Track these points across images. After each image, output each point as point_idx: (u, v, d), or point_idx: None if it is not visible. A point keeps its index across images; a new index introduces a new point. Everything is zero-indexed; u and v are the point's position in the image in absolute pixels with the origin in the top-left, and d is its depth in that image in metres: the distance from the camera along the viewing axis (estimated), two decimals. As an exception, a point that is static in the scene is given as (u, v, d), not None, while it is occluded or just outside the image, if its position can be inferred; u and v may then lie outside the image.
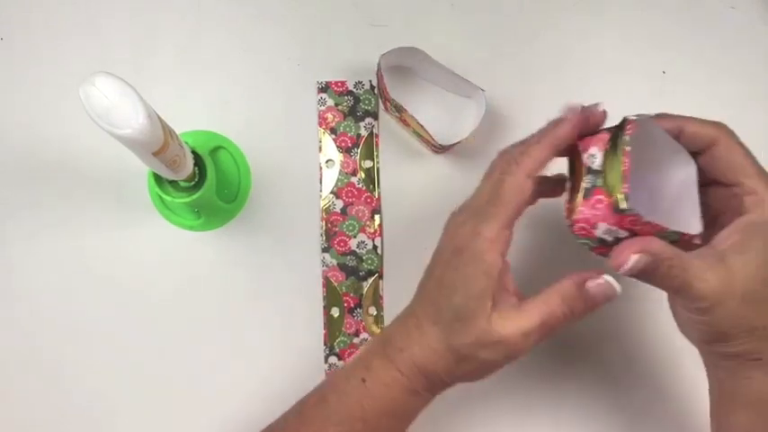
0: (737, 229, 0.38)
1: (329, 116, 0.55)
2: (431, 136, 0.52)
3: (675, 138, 0.40)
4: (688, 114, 0.55)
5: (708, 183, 0.40)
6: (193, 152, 0.46)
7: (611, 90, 0.55)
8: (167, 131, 0.40)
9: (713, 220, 0.40)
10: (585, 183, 0.38)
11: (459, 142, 0.52)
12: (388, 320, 0.53)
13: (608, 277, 0.38)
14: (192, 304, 0.53)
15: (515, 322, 0.38)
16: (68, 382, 0.52)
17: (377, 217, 0.54)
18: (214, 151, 0.53)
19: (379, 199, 0.54)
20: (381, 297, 0.53)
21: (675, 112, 0.41)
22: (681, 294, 0.37)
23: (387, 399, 0.41)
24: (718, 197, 0.40)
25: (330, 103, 0.55)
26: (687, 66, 0.56)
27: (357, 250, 0.53)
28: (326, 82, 0.55)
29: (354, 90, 0.55)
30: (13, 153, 0.54)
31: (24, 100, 0.55)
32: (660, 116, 0.41)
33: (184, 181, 0.46)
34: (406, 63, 0.55)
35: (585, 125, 0.39)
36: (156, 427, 0.51)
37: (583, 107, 0.39)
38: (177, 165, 0.43)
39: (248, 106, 0.55)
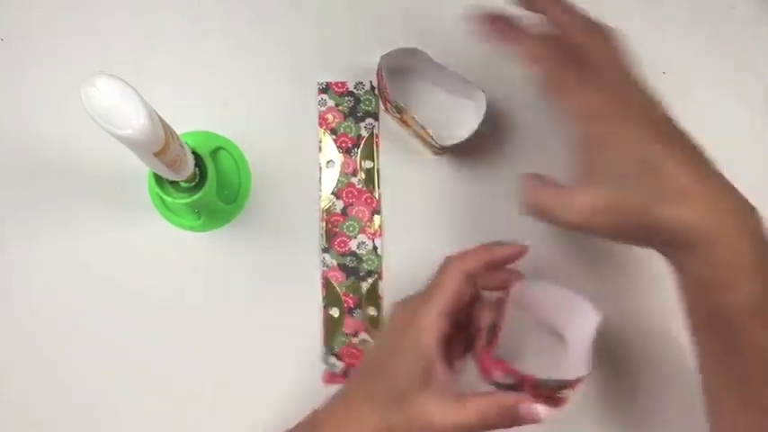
0: (577, 151, 0.43)
1: (329, 117, 0.55)
2: (431, 137, 0.52)
3: None
4: (687, 113, 0.55)
5: None
6: (194, 153, 0.46)
7: (611, 90, 0.55)
8: (168, 132, 0.40)
9: None
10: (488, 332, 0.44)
11: (459, 143, 0.52)
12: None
13: (540, 407, 0.41)
14: (192, 304, 0.53)
15: (451, 414, 0.40)
16: (68, 382, 0.52)
17: (377, 218, 0.54)
18: (214, 152, 0.53)
19: (379, 200, 0.54)
20: (381, 297, 0.53)
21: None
22: (562, 226, 0.43)
23: None
24: None
25: (330, 103, 0.55)
26: (687, 66, 0.56)
27: (357, 251, 0.53)
28: (327, 82, 0.55)
29: (355, 91, 0.55)
30: (12, 153, 0.54)
31: (24, 100, 0.55)
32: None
33: (185, 181, 0.46)
34: (406, 64, 0.55)
35: (519, 258, 0.45)
36: (156, 426, 0.51)
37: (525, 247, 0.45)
38: (178, 165, 0.43)
39: (248, 107, 0.55)
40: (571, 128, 0.43)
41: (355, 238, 0.54)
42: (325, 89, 0.55)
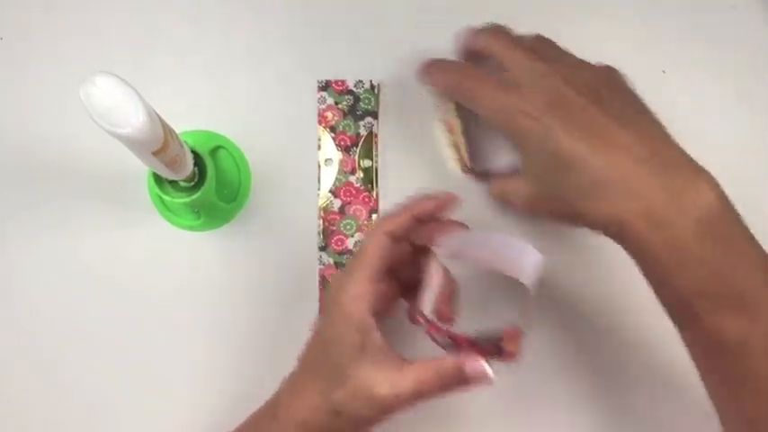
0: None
1: (329, 114, 0.55)
2: (465, 154, 0.52)
3: None
4: (687, 113, 0.56)
5: None
6: (193, 152, 0.46)
7: (610, 90, 0.55)
8: (167, 131, 0.40)
9: None
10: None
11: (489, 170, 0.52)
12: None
13: (484, 363, 0.39)
14: (192, 304, 0.53)
15: (391, 383, 0.40)
16: (68, 382, 0.52)
17: (374, 217, 0.54)
18: (214, 151, 0.53)
19: (376, 199, 0.54)
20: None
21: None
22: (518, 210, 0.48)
23: None
24: None
25: (330, 101, 0.55)
26: (687, 66, 0.56)
27: (354, 250, 0.53)
28: (327, 80, 0.55)
29: (354, 89, 0.55)
30: (12, 153, 0.54)
31: (24, 100, 0.55)
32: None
33: (184, 181, 0.46)
34: None
35: (448, 208, 0.45)
36: (156, 426, 0.51)
37: (449, 195, 0.45)
38: (177, 164, 0.43)
39: (248, 106, 0.55)
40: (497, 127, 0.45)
41: (352, 236, 0.54)
42: (325, 87, 0.55)
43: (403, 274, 0.46)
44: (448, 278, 0.46)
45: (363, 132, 0.55)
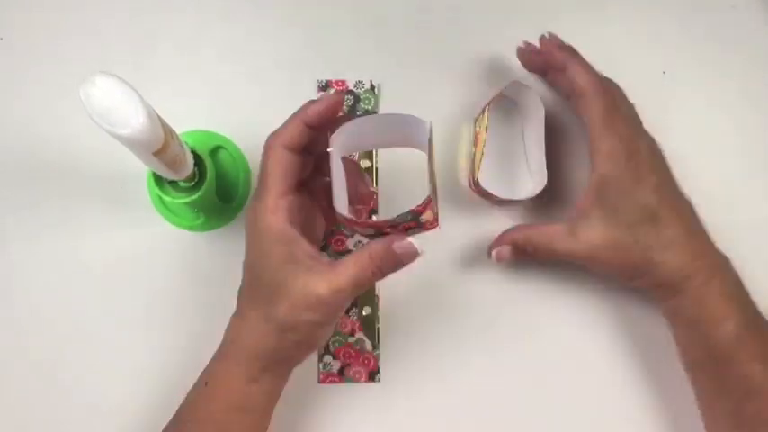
0: (589, 188, 0.46)
1: None
2: (476, 171, 0.51)
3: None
4: (687, 113, 0.56)
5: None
6: (193, 152, 0.46)
7: (611, 90, 0.55)
8: (167, 131, 0.40)
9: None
10: None
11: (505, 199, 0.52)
12: (383, 319, 0.53)
13: (412, 239, 0.41)
14: (192, 304, 0.53)
15: (328, 281, 0.40)
16: (68, 382, 0.52)
17: (374, 217, 0.54)
18: (214, 151, 0.53)
19: (376, 199, 0.54)
20: (377, 297, 0.53)
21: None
22: (557, 258, 0.47)
23: (229, 394, 0.43)
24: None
25: None
26: (687, 66, 0.56)
27: (354, 250, 0.53)
28: (327, 80, 0.55)
29: (355, 89, 0.55)
30: (12, 153, 0.54)
31: (24, 100, 0.55)
32: (560, 47, 0.50)
33: (184, 181, 0.46)
34: (517, 97, 0.55)
35: (335, 109, 0.43)
36: (157, 426, 0.51)
37: (334, 96, 0.44)
38: (177, 165, 0.43)
39: (248, 106, 0.55)
40: (593, 164, 0.47)
41: (352, 237, 0.54)
42: (325, 87, 0.55)
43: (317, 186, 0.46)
44: (352, 168, 0.47)
45: None
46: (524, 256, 0.49)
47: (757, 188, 0.55)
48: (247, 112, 0.55)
